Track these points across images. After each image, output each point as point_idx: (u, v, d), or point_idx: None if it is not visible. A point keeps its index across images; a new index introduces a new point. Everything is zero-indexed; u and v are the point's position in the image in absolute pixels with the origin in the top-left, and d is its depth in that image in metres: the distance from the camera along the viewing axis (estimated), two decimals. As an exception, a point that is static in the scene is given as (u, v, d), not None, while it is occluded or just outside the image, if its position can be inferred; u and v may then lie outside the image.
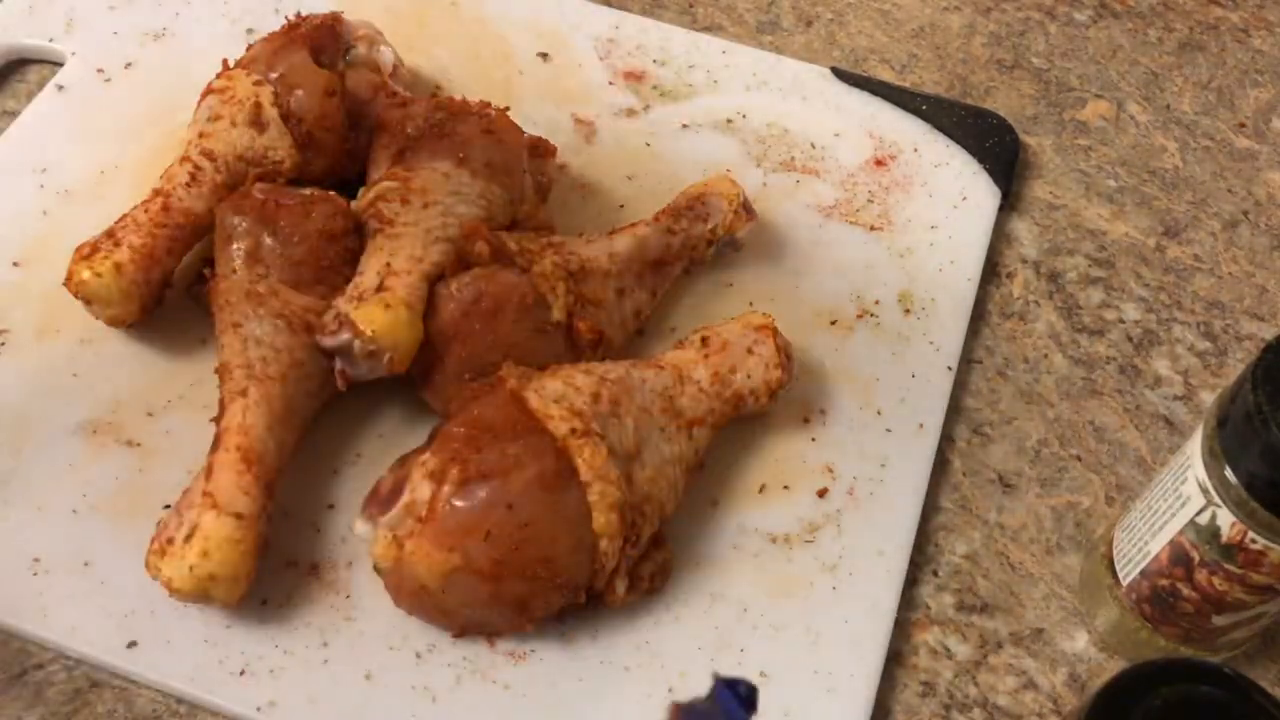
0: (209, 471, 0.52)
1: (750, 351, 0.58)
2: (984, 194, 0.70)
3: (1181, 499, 0.49)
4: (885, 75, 0.77)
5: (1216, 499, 0.47)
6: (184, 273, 0.62)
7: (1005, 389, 0.64)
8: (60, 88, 0.70)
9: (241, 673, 0.52)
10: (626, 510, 0.51)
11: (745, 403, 0.58)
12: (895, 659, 0.55)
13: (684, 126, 0.72)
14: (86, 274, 0.57)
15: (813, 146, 0.71)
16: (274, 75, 0.62)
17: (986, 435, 0.62)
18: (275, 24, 0.67)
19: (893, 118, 0.73)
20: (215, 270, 0.58)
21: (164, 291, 0.60)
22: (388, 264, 0.56)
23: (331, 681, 0.52)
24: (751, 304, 0.65)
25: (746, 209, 0.64)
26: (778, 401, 0.59)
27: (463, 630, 0.53)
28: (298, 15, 0.66)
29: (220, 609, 0.53)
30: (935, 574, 0.58)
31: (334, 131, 0.62)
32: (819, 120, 0.73)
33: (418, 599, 0.51)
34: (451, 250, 0.56)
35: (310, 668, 0.52)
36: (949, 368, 0.63)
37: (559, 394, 0.52)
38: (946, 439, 0.62)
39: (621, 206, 0.68)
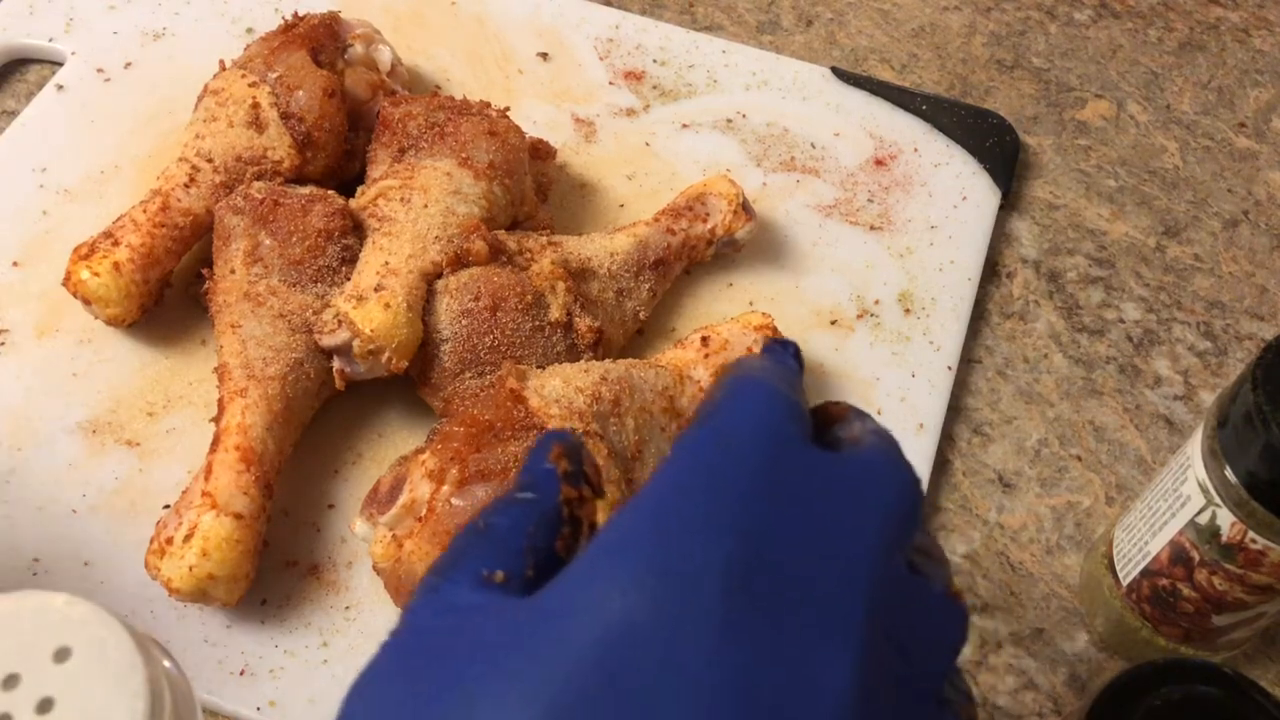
0: (208, 471, 0.52)
1: (750, 351, 0.58)
2: (984, 194, 0.70)
3: (1181, 499, 0.49)
4: (885, 75, 0.77)
5: (1216, 499, 0.47)
6: (183, 273, 0.62)
7: (1005, 389, 0.64)
8: (60, 88, 0.70)
9: (241, 673, 0.52)
10: (626, 510, 0.51)
11: (745, 403, 0.58)
12: (895, 659, 0.55)
13: (684, 126, 0.72)
14: (85, 274, 0.57)
15: (813, 146, 0.71)
16: (273, 75, 0.62)
17: (986, 435, 0.62)
18: (275, 24, 0.67)
19: (893, 118, 0.73)
20: (214, 270, 0.58)
21: (163, 291, 0.60)
22: (386, 263, 0.56)
23: (331, 681, 0.52)
24: (751, 304, 0.65)
25: (746, 209, 0.64)
26: (778, 401, 0.59)
27: (462, 630, 0.53)
28: (295, 15, 0.66)
29: (220, 609, 0.53)
30: (935, 574, 0.58)
31: (334, 132, 0.62)
32: (819, 120, 0.73)
33: (417, 599, 0.51)
34: (450, 249, 0.56)
35: (310, 668, 0.52)
36: (949, 368, 0.63)
37: (559, 393, 0.52)
38: (946, 439, 0.62)
39: (621, 206, 0.68)
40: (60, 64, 0.72)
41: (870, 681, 0.26)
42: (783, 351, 0.34)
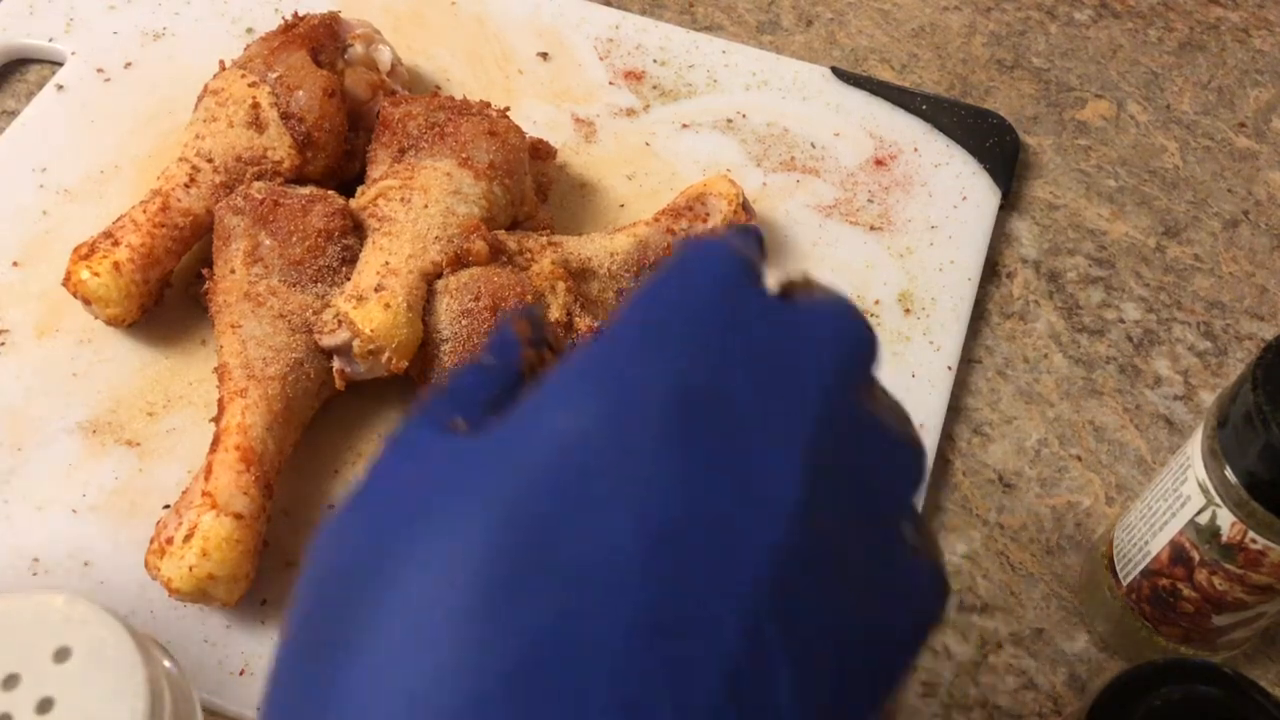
0: (208, 471, 0.52)
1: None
2: (984, 194, 0.70)
3: (1181, 499, 0.49)
4: (885, 75, 0.77)
5: (1216, 499, 0.47)
6: (183, 273, 0.62)
7: (1005, 389, 0.64)
8: (60, 88, 0.70)
9: (241, 673, 0.52)
10: (626, 510, 0.51)
11: (745, 403, 0.58)
12: (895, 659, 0.55)
13: (684, 126, 0.72)
14: (85, 274, 0.57)
15: (813, 146, 0.71)
16: (273, 75, 0.62)
17: (986, 435, 0.62)
18: (275, 24, 0.67)
19: (893, 118, 0.73)
20: (214, 270, 0.58)
21: (163, 291, 0.60)
22: (387, 263, 0.56)
23: (331, 681, 0.52)
24: (751, 304, 0.64)
25: (746, 209, 0.64)
26: (777, 401, 0.59)
27: (462, 630, 0.53)
28: (295, 15, 0.66)
29: (220, 609, 0.53)
30: (935, 574, 0.58)
31: (334, 132, 0.62)
32: (819, 120, 0.73)
33: (417, 599, 0.51)
34: (450, 249, 0.57)
35: (310, 668, 0.52)
36: (949, 368, 0.63)
37: (559, 394, 0.52)
38: (946, 439, 0.62)
39: (621, 206, 0.68)
40: (60, 64, 0.72)
41: (819, 497, 0.27)
42: (745, 233, 0.35)
